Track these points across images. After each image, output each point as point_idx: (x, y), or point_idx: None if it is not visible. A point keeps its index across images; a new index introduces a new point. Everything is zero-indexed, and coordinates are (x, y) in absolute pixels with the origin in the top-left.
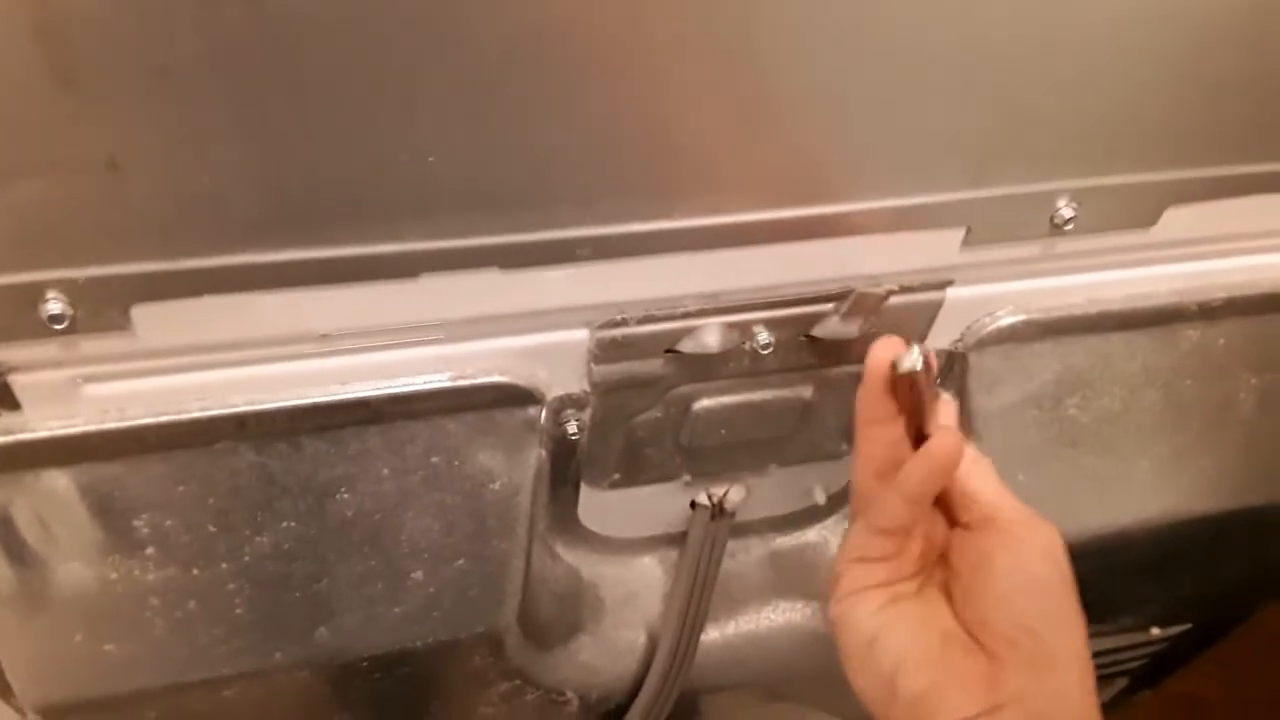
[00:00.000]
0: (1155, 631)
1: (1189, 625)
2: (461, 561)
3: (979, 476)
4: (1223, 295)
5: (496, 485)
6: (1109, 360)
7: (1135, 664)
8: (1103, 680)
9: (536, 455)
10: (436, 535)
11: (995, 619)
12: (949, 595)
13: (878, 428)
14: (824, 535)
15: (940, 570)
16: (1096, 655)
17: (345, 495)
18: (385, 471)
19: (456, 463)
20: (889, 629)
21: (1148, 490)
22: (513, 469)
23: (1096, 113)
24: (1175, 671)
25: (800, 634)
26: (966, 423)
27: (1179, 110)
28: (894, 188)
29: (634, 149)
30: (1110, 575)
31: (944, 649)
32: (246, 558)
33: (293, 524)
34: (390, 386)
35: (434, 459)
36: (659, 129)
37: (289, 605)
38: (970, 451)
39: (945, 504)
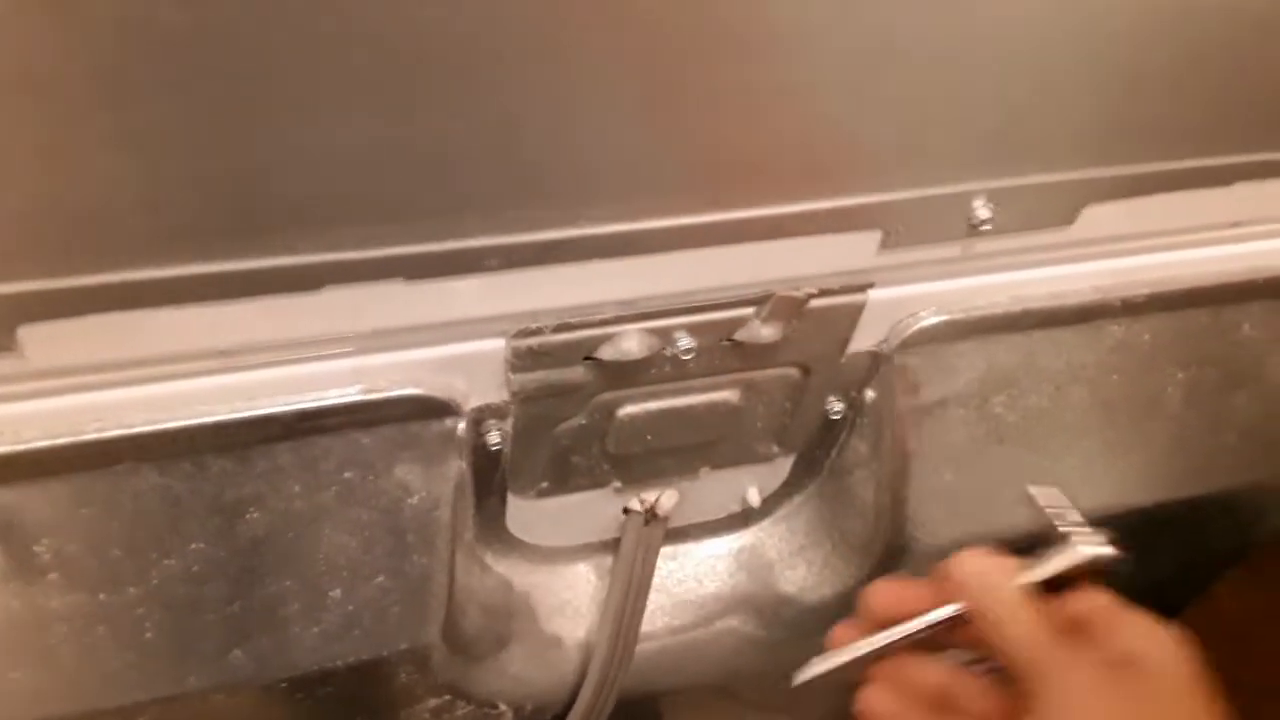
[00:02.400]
0: None
1: None
2: (381, 578)
3: (994, 631)
4: (1146, 291)
5: (415, 499)
6: (1034, 358)
7: None
8: None
9: (457, 467)
10: (354, 552)
11: None
12: None
13: None
14: (760, 537)
15: None
16: None
17: (255, 514)
18: (297, 489)
19: (372, 478)
20: None
21: (1078, 486)
22: (431, 482)
23: (1010, 114)
24: None
25: (737, 637)
26: (892, 423)
27: (1094, 110)
28: (808, 192)
29: (537, 155)
30: None
31: None
32: (155, 581)
33: (202, 545)
34: (298, 402)
35: (348, 474)
36: (563, 134)
37: (202, 628)
38: (994, 586)
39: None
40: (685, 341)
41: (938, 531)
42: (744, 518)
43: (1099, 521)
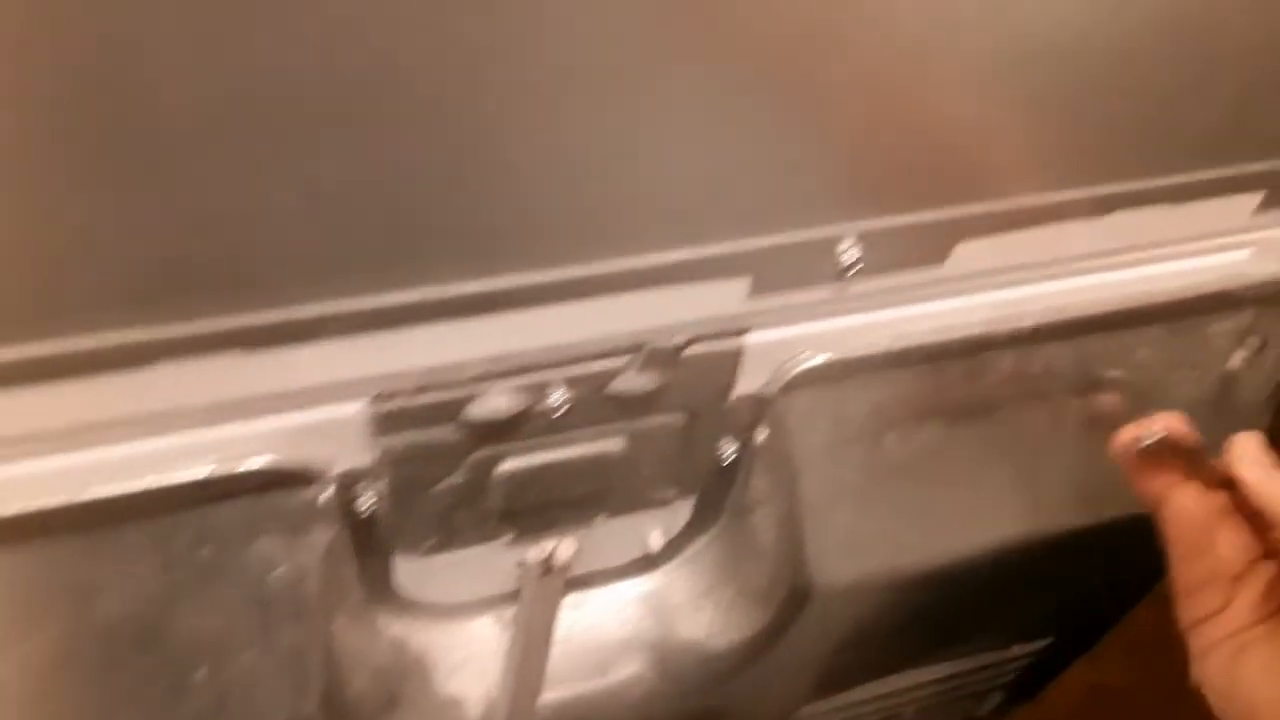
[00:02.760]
0: (1014, 649)
1: (1050, 639)
2: (249, 654)
3: (1271, 488)
4: (1032, 322)
5: (279, 571)
6: (924, 393)
7: (1007, 679)
8: (977, 696)
9: (324, 535)
10: (217, 630)
11: None
12: None
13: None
14: (665, 581)
15: None
16: (967, 674)
17: (109, 597)
18: (151, 569)
19: (230, 553)
20: (1239, 679)
21: (981, 517)
22: (296, 553)
23: (875, 156)
24: (1049, 683)
25: (645, 685)
26: (786, 464)
27: (960, 149)
28: (669, 241)
29: (372, 219)
30: (960, 601)
31: None
32: (4, 672)
33: (53, 632)
34: (145, 481)
35: (204, 551)
36: (400, 195)
37: (60, 718)
38: (1260, 461)
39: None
40: (559, 396)
41: (838, 572)
42: (648, 561)
43: (1008, 551)
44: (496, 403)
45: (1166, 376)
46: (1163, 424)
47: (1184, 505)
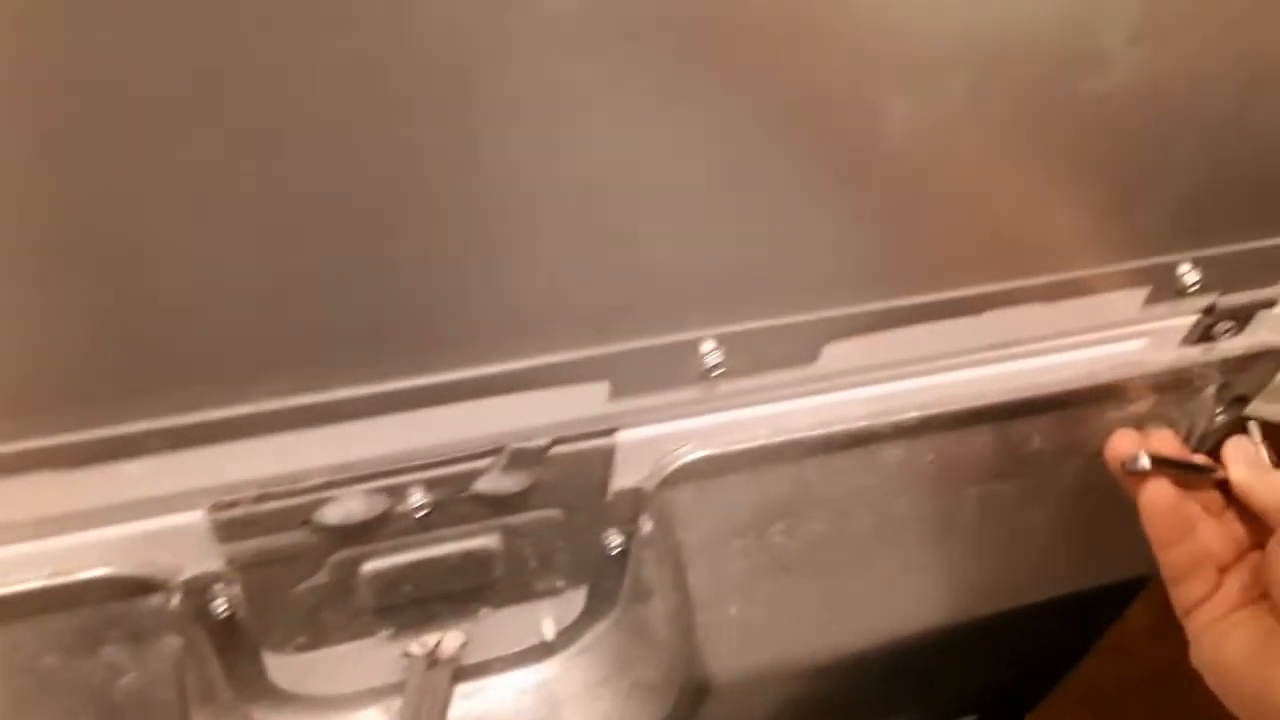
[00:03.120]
0: None
1: (974, 717)
2: None
3: (1262, 489)
4: (916, 415)
5: (128, 679)
6: (810, 485)
7: None
8: None
9: (174, 641)
10: None
11: None
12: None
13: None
14: (562, 669)
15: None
16: None
17: None
18: None
19: (74, 662)
20: (1227, 660)
21: (878, 607)
22: (145, 660)
23: (735, 262)
24: None
25: None
26: (673, 556)
27: (825, 255)
28: (520, 349)
29: (181, 333)
30: (868, 686)
31: (1269, 641)
32: None
33: None
34: None
35: (47, 661)
36: (211, 309)
37: None
38: (1251, 462)
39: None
40: (418, 498)
41: (730, 665)
42: (545, 650)
43: (909, 640)
44: (351, 507)
45: (1062, 465)
46: (1152, 447)
47: (1157, 495)
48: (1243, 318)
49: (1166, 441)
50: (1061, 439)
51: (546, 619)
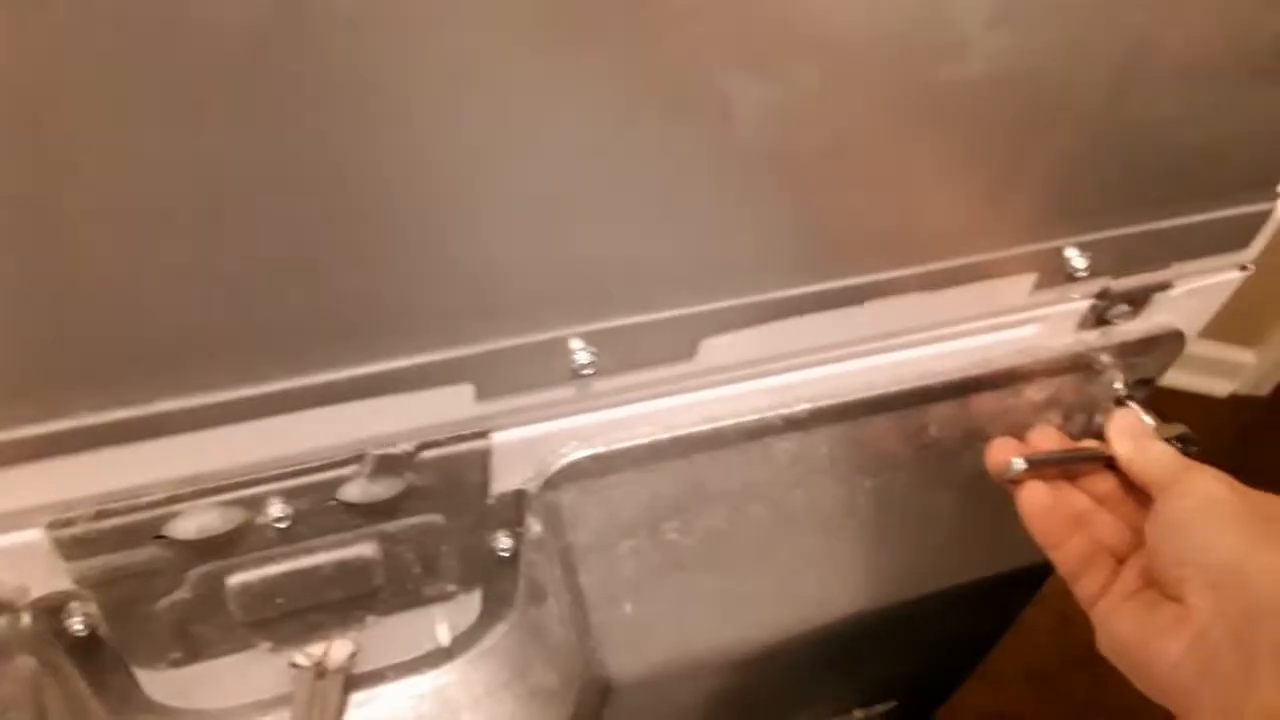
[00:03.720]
0: (856, 714)
1: (894, 703)
2: None
3: (1142, 460)
4: (807, 407)
5: None
6: (702, 481)
7: None
8: None
9: (27, 663)
10: None
11: (1163, 568)
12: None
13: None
14: (462, 674)
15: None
16: None
17: None
18: None
19: None
20: (1120, 633)
21: (780, 601)
22: None
23: (594, 258)
24: None
25: None
26: (564, 556)
27: (694, 250)
28: (376, 353)
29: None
30: (779, 677)
31: (1150, 614)
32: None
33: None
34: None
35: None
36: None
37: None
38: (1134, 434)
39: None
40: (278, 508)
41: (629, 664)
42: (443, 654)
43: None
44: (204, 520)
45: (963, 452)
46: (1033, 445)
47: (1032, 499)
48: (1138, 301)
49: (1048, 437)
50: (960, 426)
51: (441, 624)
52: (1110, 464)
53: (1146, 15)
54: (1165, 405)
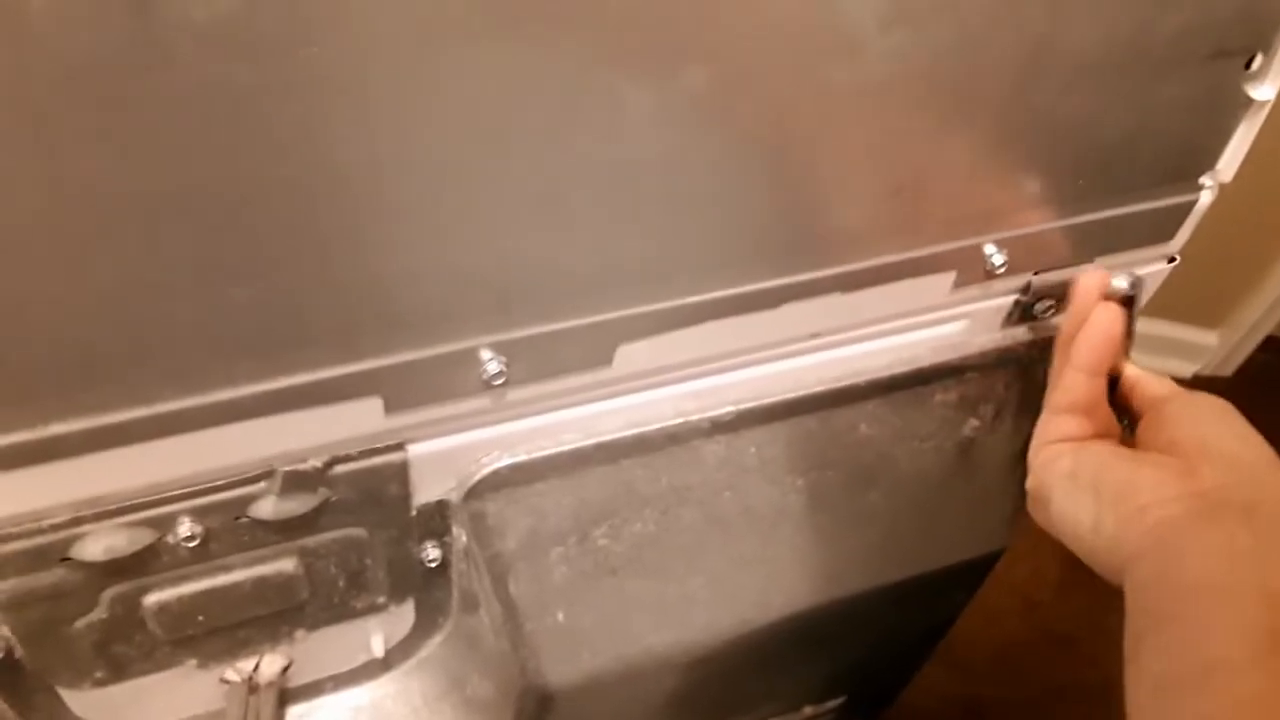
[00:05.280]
0: (806, 710)
1: (844, 698)
2: None
3: (1144, 378)
4: (732, 409)
5: None
6: (631, 486)
7: None
8: None
9: None
10: None
11: (1183, 436)
12: None
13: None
14: (402, 683)
15: None
16: None
17: None
18: None
19: None
20: (1085, 457)
21: (715, 603)
22: None
23: (501, 266)
24: None
25: None
26: (494, 565)
27: (598, 254)
28: (276, 368)
29: None
30: (724, 677)
31: (1139, 456)
32: None
33: None
34: None
35: None
36: None
37: None
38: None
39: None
40: (187, 528)
41: (565, 671)
42: (381, 665)
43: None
44: (112, 541)
45: (895, 449)
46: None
47: (1115, 320)
48: (1062, 295)
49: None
50: (891, 423)
51: (376, 635)
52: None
53: (1045, 13)
54: None
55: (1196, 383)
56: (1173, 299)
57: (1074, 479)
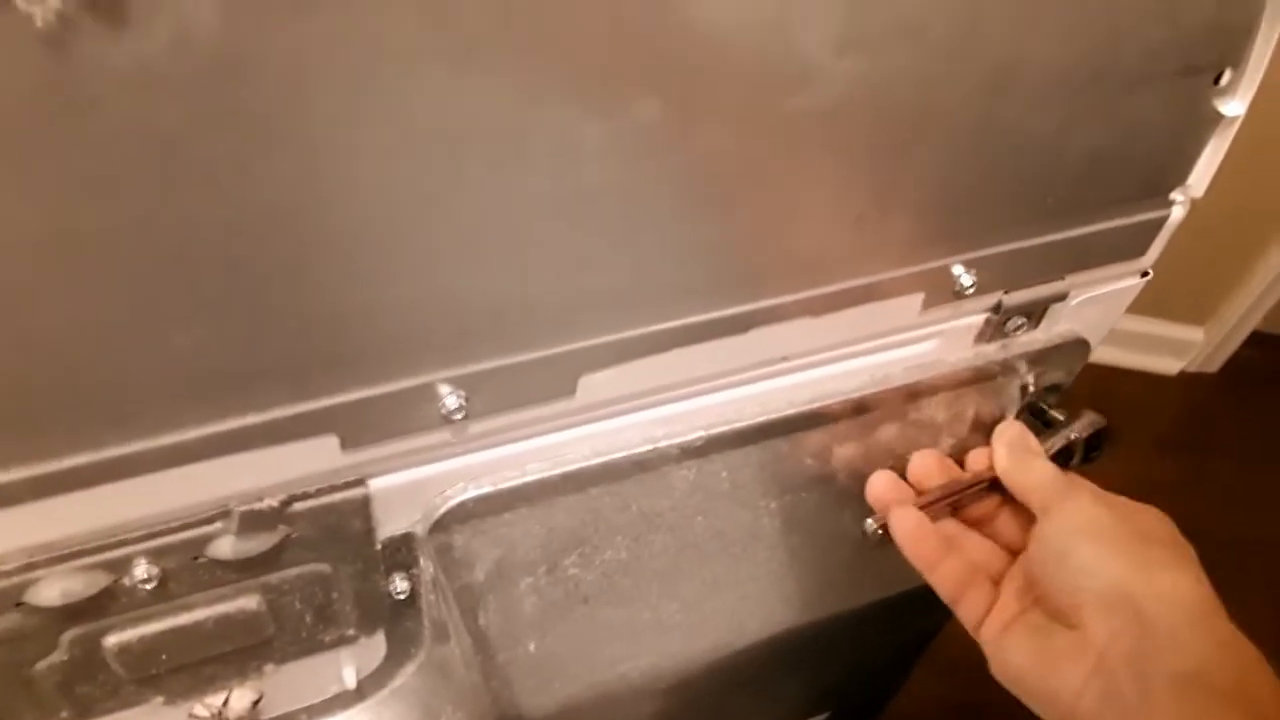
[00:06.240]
0: None
1: (828, 713)
2: None
3: (1021, 472)
4: (702, 434)
5: None
6: (600, 514)
7: None
8: None
9: None
10: None
11: (1054, 594)
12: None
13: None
14: (375, 713)
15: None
16: None
17: None
18: None
19: None
20: (1015, 663)
21: (691, 627)
22: None
23: (457, 300)
24: None
25: None
26: (464, 596)
27: (557, 285)
28: (226, 410)
29: None
30: (704, 699)
31: (1046, 642)
32: None
33: None
34: None
35: None
36: None
37: None
38: (1015, 447)
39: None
40: (143, 570)
41: (540, 701)
42: (354, 695)
43: (728, 652)
44: (67, 585)
45: (869, 469)
46: (913, 473)
47: (902, 523)
48: (1034, 313)
49: (928, 466)
50: (865, 444)
51: (348, 667)
52: (997, 482)
53: (1009, 33)
54: (1114, 384)
55: (1183, 380)
56: (1159, 296)
57: (1009, 678)
